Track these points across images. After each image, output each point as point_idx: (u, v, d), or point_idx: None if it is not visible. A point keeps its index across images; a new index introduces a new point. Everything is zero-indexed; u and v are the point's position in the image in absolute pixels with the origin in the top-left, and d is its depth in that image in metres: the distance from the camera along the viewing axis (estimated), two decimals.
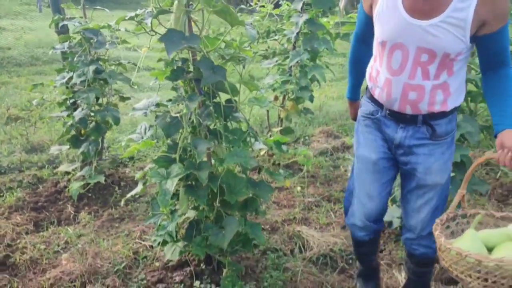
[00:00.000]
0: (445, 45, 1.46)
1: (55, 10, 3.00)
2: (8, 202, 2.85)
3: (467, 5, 1.40)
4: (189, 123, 1.92)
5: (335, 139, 4.28)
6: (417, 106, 1.58)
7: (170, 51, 1.63)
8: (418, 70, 1.53)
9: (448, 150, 1.68)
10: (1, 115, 4.68)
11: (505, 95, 1.53)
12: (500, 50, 1.51)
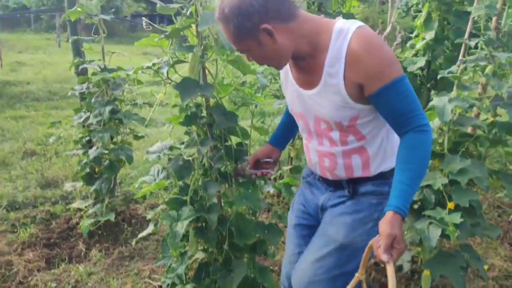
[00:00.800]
0: (330, 113, 1.39)
1: (75, 53, 3.12)
2: (21, 238, 2.90)
3: (336, 71, 1.31)
4: (200, 166, 1.97)
5: None
6: (334, 173, 1.51)
7: (185, 99, 1.70)
8: (323, 137, 1.48)
9: (366, 212, 1.48)
10: (17, 149, 4.80)
11: (401, 167, 1.32)
12: (394, 111, 1.32)
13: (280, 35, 1.29)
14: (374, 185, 1.49)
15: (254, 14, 1.25)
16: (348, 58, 1.27)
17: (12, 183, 3.85)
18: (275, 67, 1.44)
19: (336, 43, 1.29)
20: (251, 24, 1.26)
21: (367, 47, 1.26)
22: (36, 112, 6.72)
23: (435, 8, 3.45)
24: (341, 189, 1.53)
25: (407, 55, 3.87)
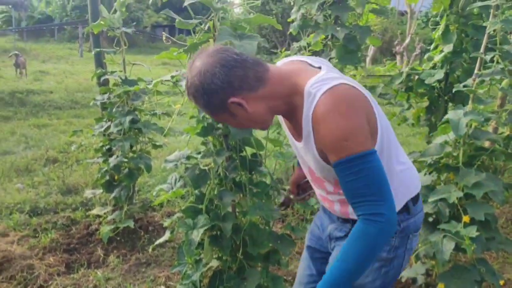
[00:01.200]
0: (315, 169, 1.36)
1: (98, 64, 3.23)
2: (42, 243, 2.98)
3: (308, 132, 1.25)
4: (216, 175, 2.02)
5: None
6: (335, 212, 1.48)
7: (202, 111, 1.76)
8: (320, 185, 1.47)
9: None
10: (40, 156, 4.94)
11: (338, 257, 1.22)
12: (346, 191, 1.22)
13: (251, 104, 1.25)
14: None
15: (219, 90, 1.21)
16: (312, 122, 1.21)
17: (35, 189, 3.96)
18: (260, 129, 1.40)
19: (307, 105, 1.22)
20: (218, 100, 1.23)
21: (326, 115, 1.17)
22: (58, 121, 6.91)
23: (454, 21, 3.45)
24: (348, 222, 1.46)
25: (424, 67, 3.87)
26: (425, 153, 2.40)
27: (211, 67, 1.20)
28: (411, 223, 1.40)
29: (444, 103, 3.81)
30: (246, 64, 1.23)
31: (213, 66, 1.20)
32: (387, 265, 1.40)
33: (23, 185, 4.05)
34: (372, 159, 1.17)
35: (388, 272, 1.41)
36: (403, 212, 1.38)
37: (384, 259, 1.38)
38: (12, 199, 3.68)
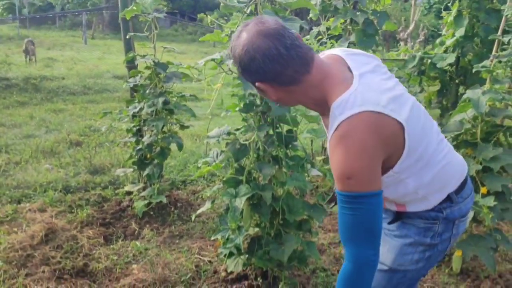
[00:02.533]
0: None
1: (128, 48, 3.37)
2: (79, 218, 3.16)
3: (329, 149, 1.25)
4: (255, 149, 2.19)
5: None
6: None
7: (246, 88, 1.92)
8: None
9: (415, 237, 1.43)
10: (62, 139, 5.11)
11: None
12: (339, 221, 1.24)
13: (277, 93, 1.28)
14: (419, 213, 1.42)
15: (252, 72, 1.23)
16: (329, 146, 1.23)
17: (63, 170, 4.13)
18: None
19: (331, 125, 1.22)
20: (247, 76, 1.27)
21: (337, 147, 1.18)
22: (73, 106, 7.06)
23: (466, 6, 3.58)
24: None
25: (436, 51, 4.01)
26: (445, 129, 2.56)
27: (254, 50, 1.19)
28: (456, 210, 1.42)
29: (455, 86, 3.96)
30: (289, 63, 1.20)
31: (256, 51, 1.19)
32: (431, 250, 1.43)
33: (52, 166, 4.22)
34: (372, 201, 1.17)
35: (431, 256, 1.45)
36: (446, 202, 1.39)
37: (428, 244, 1.42)
38: (44, 178, 3.85)
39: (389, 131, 1.20)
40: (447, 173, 1.38)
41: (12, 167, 4.17)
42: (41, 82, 8.35)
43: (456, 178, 1.42)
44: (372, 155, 1.17)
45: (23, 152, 4.60)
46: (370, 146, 1.16)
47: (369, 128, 1.16)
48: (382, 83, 1.28)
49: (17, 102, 7.07)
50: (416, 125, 1.27)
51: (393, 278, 1.49)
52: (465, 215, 1.46)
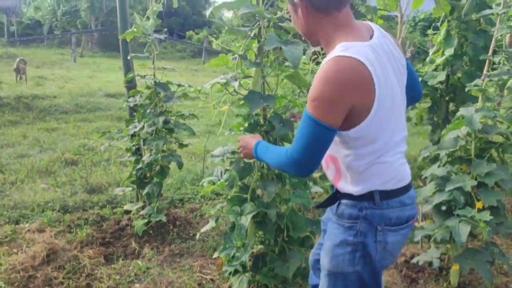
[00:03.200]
0: None
1: (127, 68, 3.41)
2: (79, 237, 3.16)
3: None
4: (259, 168, 2.24)
5: None
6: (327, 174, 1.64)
7: (253, 108, 1.98)
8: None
9: (341, 236, 1.51)
10: (57, 158, 5.10)
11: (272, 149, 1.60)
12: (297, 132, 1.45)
13: (308, 16, 1.45)
14: (347, 207, 1.51)
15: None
16: None
17: (60, 189, 4.13)
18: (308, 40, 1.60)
19: (330, 53, 1.39)
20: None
21: (318, 74, 1.35)
22: (66, 125, 7.05)
23: (455, 26, 3.71)
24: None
25: (427, 70, 4.13)
26: (440, 146, 2.65)
27: None
28: (376, 214, 1.47)
29: (445, 103, 4.07)
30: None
31: None
32: (360, 250, 1.48)
33: (48, 185, 4.21)
34: (323, 133, 1.35)
35: (365, 258, 1.49)
36: (368, 200, 1.47)
37: (352, 242, 1.49)
38: (42, 198, 3.84)
39: (365, 84, 1.34)
40: (384, 171, 1.46)
41: (8, 187, 4.15)
42: (33, 101, 8.33)
43: (387, 182, 1.48)
44: (340, 91, 1.32)
45: (18, 171, 4.59)
46: (343, 84, 1.31)
47: (351, 71, 1.32)
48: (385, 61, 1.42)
49: (9, 122, 7.04)
50: (386, 107, 1.40)
51: (337, 282, 1.56)
52: (391, 224, 1.49)
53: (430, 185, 2.72)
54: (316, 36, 1.49)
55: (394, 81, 1.45)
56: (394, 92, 1.44)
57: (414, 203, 1.55)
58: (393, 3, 3.70)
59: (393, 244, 1.50)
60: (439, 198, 2.55)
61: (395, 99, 1.45)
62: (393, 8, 3.81)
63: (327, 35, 1.45)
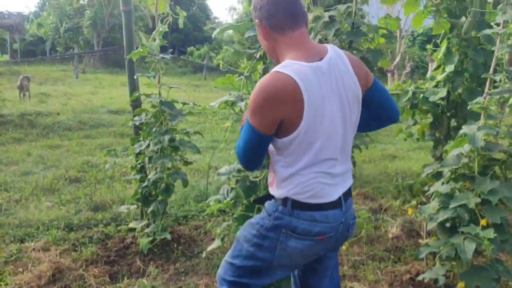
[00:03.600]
0: None
1: (132, 87, 3.45)
2: (84, 256, 3.17)
3: None
4: (265, 186, 2.26)
5: (372, 201, 4.56)
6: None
7: None
8: None
9: (257, 219, 1.73)
10: (61, 176, 5.13)
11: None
12: None
13: (267, 35, 1.61)
14: (269, 203, 1.70)
15: (257, 8, 1.59)
16: None
17: (64, 207, 4.15)
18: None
19: None
20: (254, 13, 1.62)
21: (256, 85, 1.52)
22: (70, 141, 7.09)
23: (455, 43, 3.77)
24: None
25: (428, 86, 4.19)
26: (443, 164, 2.67)
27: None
28: (286, 219, 1.61)
29: (447, 119, 4.11)
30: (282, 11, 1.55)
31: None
32: (259, 239, 1.66)
33: (52, 203, 4.23)
34: (253, 136, 1.54)
35: (260, 246, 1.67)
36: (283, 205, 1.62)
37: (257, 230, 1.68)
38: (46, 216, 3.86)
39: (294, 101, 1.46)
40: (300, 183, 1.58)
41: (12, 205, 4.17)
42: (36, 118, 8.39)
43: (302, 195, 1.59)
44: (269, 104, 1.47)
45: (22, 189, 4.61)
46: (272, 98, 1.46)
47: (282, 87, 1.45)
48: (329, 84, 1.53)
49: (13, 139, 7.08)
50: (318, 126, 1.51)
51: (236, 248, 1.78)
52: (295, 232, 1.60)
53: (434, 202, 2.73)
54: (276, 54, 1.63)
55: (336, 105, 1.54)
56: (334, 115, 1.54)
57: (330, 223, 1.62)
58: (395, 23, 3.75)
59: (293, 249, 1.63)
60: (444, 215, 2.56)
61: (334, 121, 1.54)
62: (395, 27, 3.87)
63: (281, 53, 1.60)
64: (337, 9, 3.61)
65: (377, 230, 3.83)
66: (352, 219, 1.74)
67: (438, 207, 2.68)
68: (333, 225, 1.63)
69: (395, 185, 4.96)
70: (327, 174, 1.60)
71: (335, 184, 1.63)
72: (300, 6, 1.58)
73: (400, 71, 17.27)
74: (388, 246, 3.50)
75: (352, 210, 1.75)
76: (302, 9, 1.59)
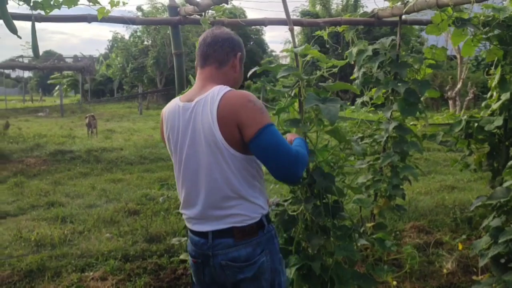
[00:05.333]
0: None
1: None
2: (138, 286, 3.32)
3: None
4: (303, 220, 2.30)
5: (427, 235, 4.39)
6: None
7: None
8: None
9: None
10: (121, 208, 5.42)
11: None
12: None
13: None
14: None
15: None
16: None
17: (122, 238, 4.37)
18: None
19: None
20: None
21: None
22: (131, 175, 7.48)
23: (510, 71, 3.65)
24: None
25: (483, 115, 4.05)
26: (491, 196, 2.57)
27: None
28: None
29: (505, 149, 3.93)
30: (199, 53, 1.82)
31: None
32: None
33: (112, 235, 4.48)
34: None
35: None
36: None
37: None
38: (105, 247, 4.09)
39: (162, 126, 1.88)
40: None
41: (76, 237, 4.46)
42: (102, 153, 8.95)
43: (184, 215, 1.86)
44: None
45: (85, 221, 4.93)
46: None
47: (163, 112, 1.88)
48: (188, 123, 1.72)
49: (80, 173, 7.60)
50: (175, 158, 1.81)
51: None
52: (189, 251, 1.84)
53: (485, 237, 2.62)
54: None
55: (191, 144, 1.70)
56: (188, 152, 1.72)
57: (197, 250, 1.78)
58: (441, 53, 3.72)
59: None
60: (494, 250, 2.45)
61: (189, 157, 1.72)
62: (442, 57, 3.82)
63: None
64: (381, 42, 3.64)
65: (431, 265, 3.69)
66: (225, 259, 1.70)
67: (490, 242, 2.57)
68: (201, 253, 1.76)
69: (452, 218, 4.76)
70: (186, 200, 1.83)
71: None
72: (208, 49, 1.79)
73: (463, 97, 16.65)
74: (441, 282, 3.35)
75: (230, 251, 1.71)
76: (212, 51, 1.78)
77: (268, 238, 1.78)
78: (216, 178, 1.67)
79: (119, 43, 29.18)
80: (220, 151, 1.65)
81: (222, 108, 1.62)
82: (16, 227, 4.69)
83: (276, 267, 1.80)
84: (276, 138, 1.61)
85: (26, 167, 7.96)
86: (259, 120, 1.60)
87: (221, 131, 1.62)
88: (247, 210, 1.71)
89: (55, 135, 11.64)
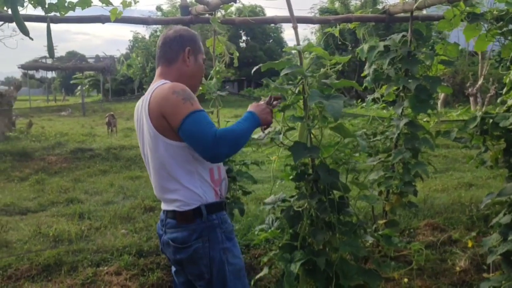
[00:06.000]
0: None
1: None
2: (151, 281, 3.39)
3: None
4: (308, 216, 2.32)
5: (441, 232, 4.35)
6: None
7: (296, 159, 2.10)
8: None
9: None
10: (137, 205, 5.52)
11: None
12: None
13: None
14: None
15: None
16: None
17: (137, 234, 4.46)
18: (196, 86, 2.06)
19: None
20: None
21: None
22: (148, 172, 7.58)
23: None
24: None
25: (498, 111, 3.98)
26: (501, 193, 2.54)
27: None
28: None
29: None
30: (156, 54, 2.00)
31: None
32: None
33: (127, 231, 4.57)
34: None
35: None
36: None
37: None
38: (121, 242, 4.18)
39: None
40: None
41: (93, 232, 4.57)
42: (121, 151, 9.11)
43: None
44: None
45: (102, 218, 5.04)
46: None
47: None
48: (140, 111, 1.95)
49: (99, 171, 7.76)
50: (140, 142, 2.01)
51: None
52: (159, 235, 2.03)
53: (495, 235, 2.60)
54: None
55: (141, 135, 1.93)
56: (141, 142, 1.95)
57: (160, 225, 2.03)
58: (453, 49, 3.68)
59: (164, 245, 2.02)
60: (504, 247, 2.43)
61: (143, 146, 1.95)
62: (454, 53, 3.78)
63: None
64: (391, 38, 3.62)
65: (444, 263, 3.66)
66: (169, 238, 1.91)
67: (500, 240, 2.54)
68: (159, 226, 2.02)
69: (468, 215, 4.70)
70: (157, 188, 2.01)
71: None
72: (159, 51, 1.97)
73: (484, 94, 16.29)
74: (453, 280, 3.33)
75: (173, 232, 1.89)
76: (162, 52, 1.95)
77: (209, 227, 1.86)
78: (157, 165, 1.87)
79: (140, 43, 29.56)
80: (156, 141, 1.82)
81: (151, 101, 1.82)
82: (36, 223, 4.84)
83: (215, 255, 1.87)
84: (197, 124, 1.73)
85: (47, 164, 8.18)
86: (181, 110, 1.73)
87: (153, 123, 1.81)
88: (184, 197, 1.84)
89: (76, 133, 11.90)
